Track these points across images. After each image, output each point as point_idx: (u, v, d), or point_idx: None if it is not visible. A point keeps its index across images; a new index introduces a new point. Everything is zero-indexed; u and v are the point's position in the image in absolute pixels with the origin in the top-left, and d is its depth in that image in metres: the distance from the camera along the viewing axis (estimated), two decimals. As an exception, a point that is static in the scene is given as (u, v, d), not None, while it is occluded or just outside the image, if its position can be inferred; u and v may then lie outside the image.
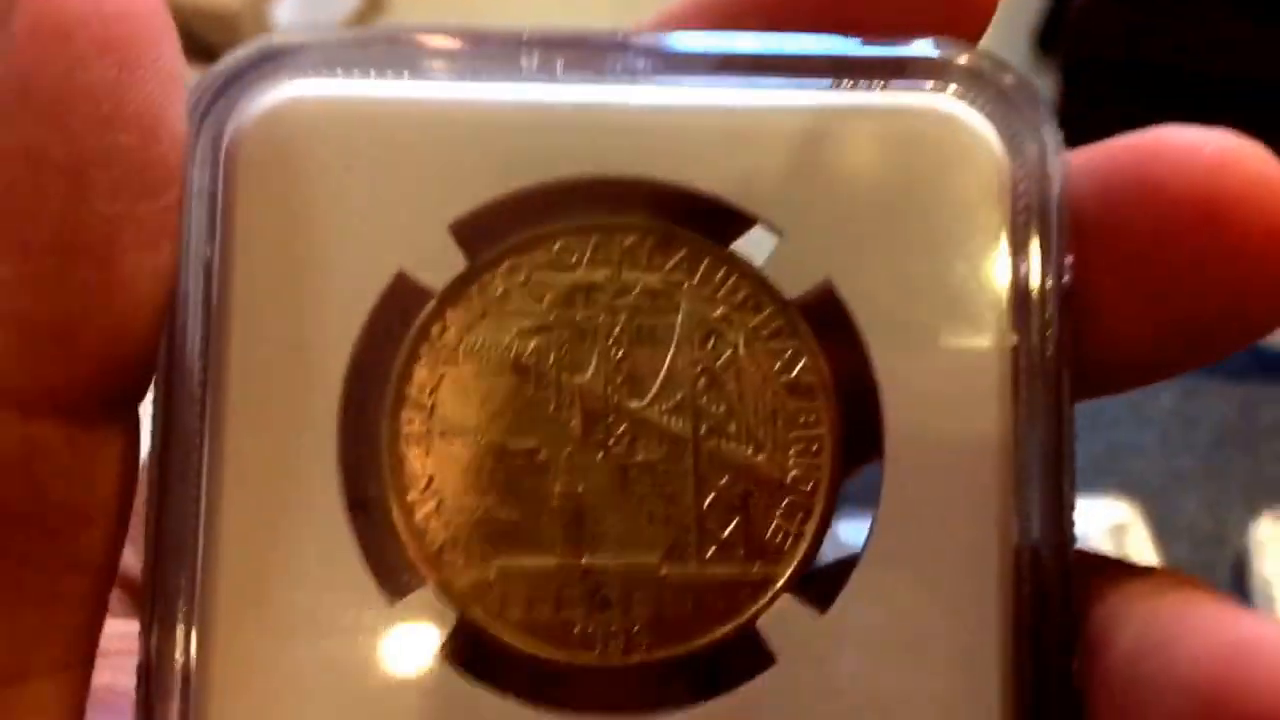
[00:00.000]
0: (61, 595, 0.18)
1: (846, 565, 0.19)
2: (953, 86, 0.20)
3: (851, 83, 0.20)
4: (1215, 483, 0.79)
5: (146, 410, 0.19)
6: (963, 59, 0.20)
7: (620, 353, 0.19)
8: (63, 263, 0.17)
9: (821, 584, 0.19)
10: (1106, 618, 0.18)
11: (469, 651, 0.19)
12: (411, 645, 0.19)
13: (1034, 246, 0.19)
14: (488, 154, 0.19)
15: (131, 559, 0.24)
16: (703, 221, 0.20)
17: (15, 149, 0.17)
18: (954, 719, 0.19)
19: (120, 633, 0.21)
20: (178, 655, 0.19)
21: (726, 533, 0.19)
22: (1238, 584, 0.75)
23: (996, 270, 0.19)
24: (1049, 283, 0.19)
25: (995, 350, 0.19)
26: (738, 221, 0.20)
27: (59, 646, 0.18)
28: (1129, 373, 0.20)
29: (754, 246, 0.20)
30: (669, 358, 0.19)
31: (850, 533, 0.19)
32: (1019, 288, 0.19)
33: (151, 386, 0.19)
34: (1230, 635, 0.17)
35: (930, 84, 0.20)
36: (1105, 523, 0.74)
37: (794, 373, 0.19)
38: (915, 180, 0.19)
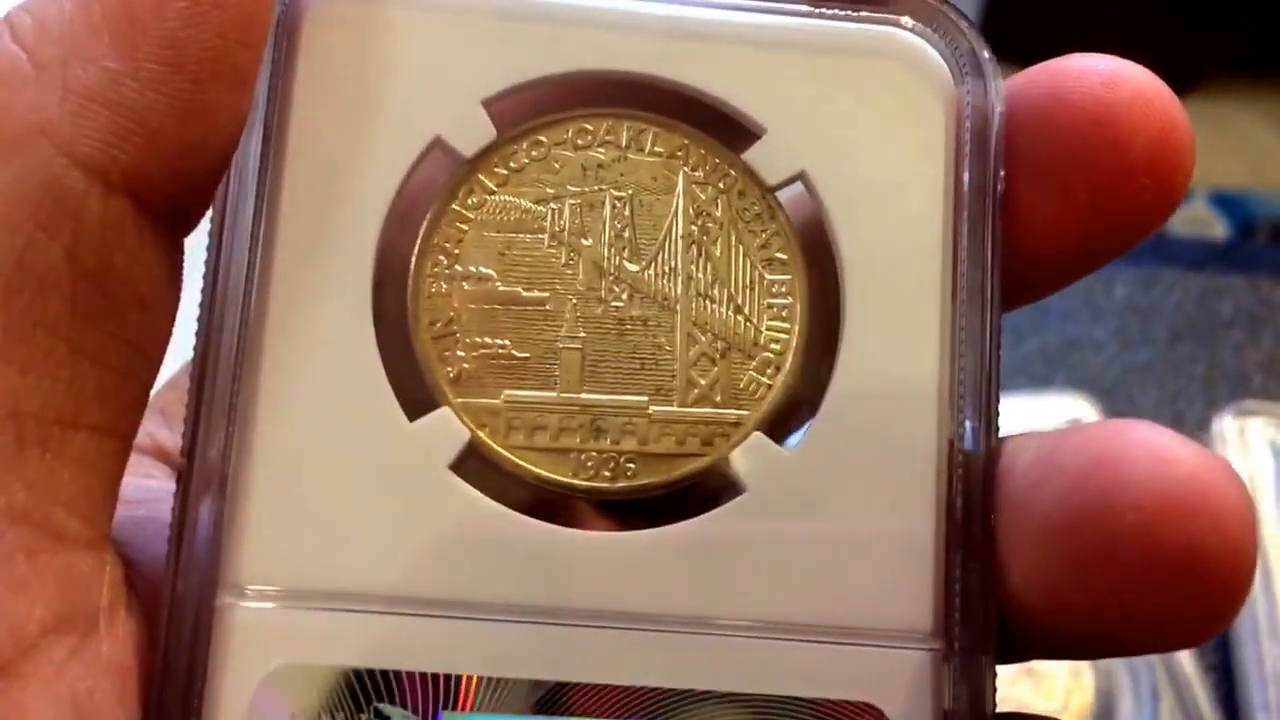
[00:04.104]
0: (113, 363, 0.20)
1: (810, 414, 0.22)
2: (912, 22, 0.23)
3: (828, 11, 0.23)
4: (1174, 376, 0.78)
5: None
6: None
7: (622, 222, 0.22)
8: (162, 73, 0.19)
9: (787, 428, 0.22)
10: (1010, 452, 0.21)
11: (476, 467, 0.22)
12: (426, 458, 0.21)
13: (975, 159, 0.22)
14: (521, 42, 0.22)
15: (168, 437, 0.26)
16: (700, 118, 0.23)
17: None
18: (892, 542, 0.21)
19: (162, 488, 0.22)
20: (215, 454, 0.21)
21: (706, 380, 0.22)
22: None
23: (943, 175, 0.22)
24: (987, 189, 0.22)
25: (940, 233, 0.22)
26: (729, 119, 0.23)
27: (108, 410, 0.20)
28: (1047, 275, 0.22)
29: (741, 141, 0.23)
30: (664, 229, 0.22)
31: (813, 388, 0.22)
32: (960, 192, 0.22)
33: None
34: (1107, 427, 0.20)
35: (895, 17, 0.23)
36: (1061, 418, 0.70)
37: (770, 249, 0.23)
38: (878, 96, 0.22)
